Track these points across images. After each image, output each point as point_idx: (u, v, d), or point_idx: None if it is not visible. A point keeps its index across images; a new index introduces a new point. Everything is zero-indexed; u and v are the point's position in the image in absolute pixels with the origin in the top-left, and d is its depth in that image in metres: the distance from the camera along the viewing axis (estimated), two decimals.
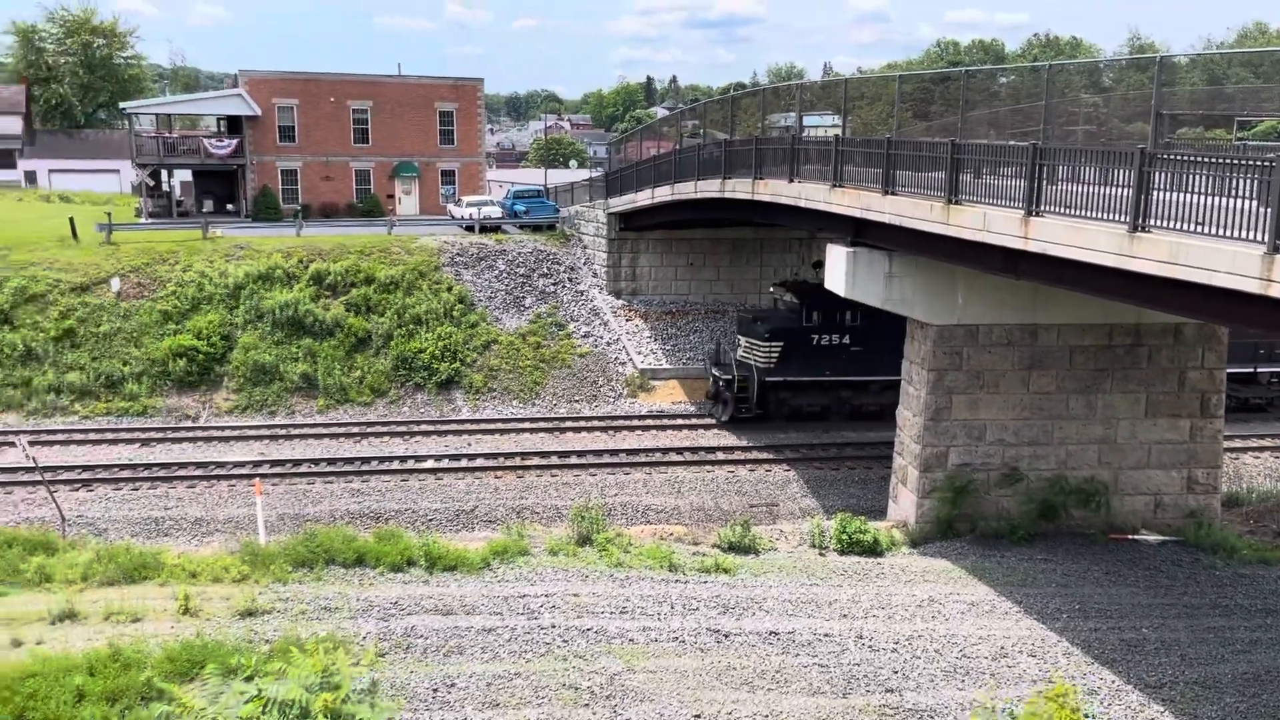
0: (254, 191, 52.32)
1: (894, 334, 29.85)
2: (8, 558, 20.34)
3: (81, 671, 15.26)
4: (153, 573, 20.13)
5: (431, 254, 40.78)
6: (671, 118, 49.39)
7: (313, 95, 53.05)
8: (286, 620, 18.04)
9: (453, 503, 26.09)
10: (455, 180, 56.94)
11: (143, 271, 38.02)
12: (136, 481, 26.97)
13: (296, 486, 26.96)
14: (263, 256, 39.20)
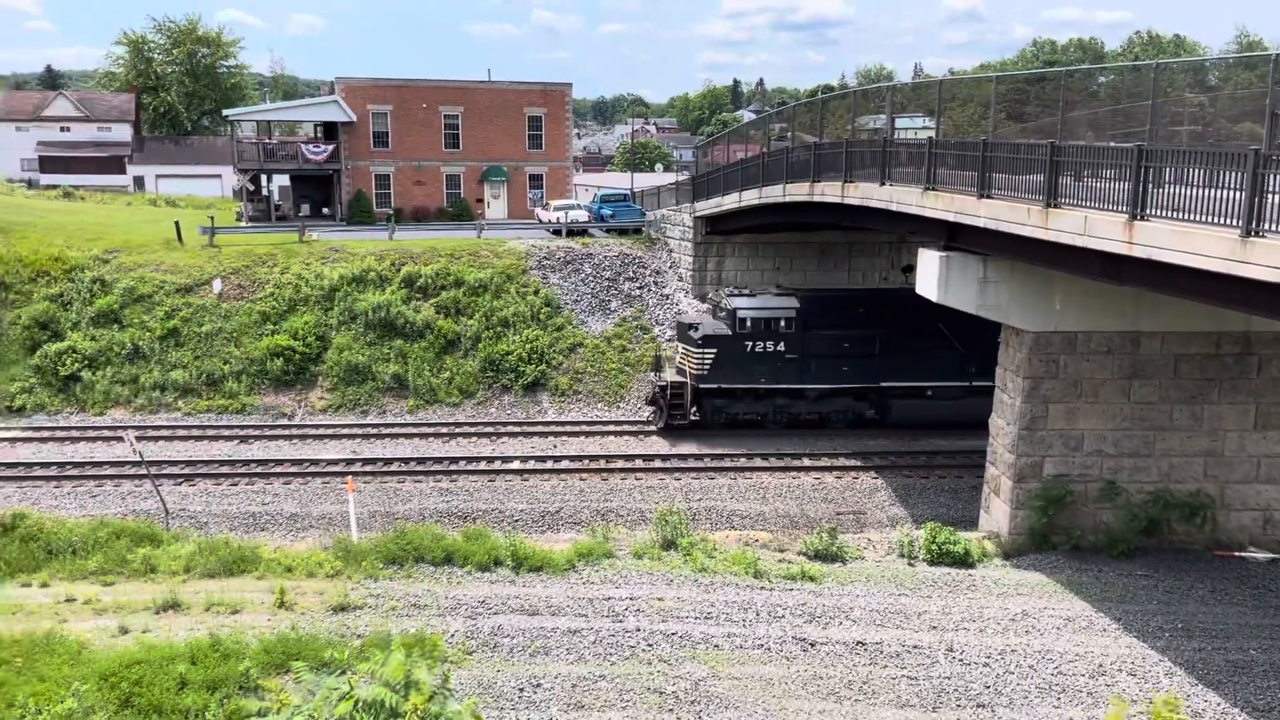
0: (349, 196, 53.65)
1: (831, 341, 30.82)
2: (116, 548, 21.20)
3: (184, 660, 15.81)
4: (250, 566, 20.76)
5: (519, 257, 41.25)
6: (758, 121, 49.08)
7: (405, 101, 54.19)
8: (377, 616, 18.42)
9: (538, 504, 26.33)
10: (543, 184, 57.55)
11: (243, 273, 39.29)
12: (235, 477, 27.86)
13: (387, 484, 27.52)
14: (356, 259, 40.16)
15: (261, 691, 14.93)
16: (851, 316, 31.18)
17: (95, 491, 26.86)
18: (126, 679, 15.10)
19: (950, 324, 29.23)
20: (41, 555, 20.94)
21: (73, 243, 40.59)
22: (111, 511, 25.00)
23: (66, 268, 38.48)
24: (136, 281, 38.04)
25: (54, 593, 19.56)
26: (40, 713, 13.91)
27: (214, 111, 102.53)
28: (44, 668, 15.49)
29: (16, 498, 25.97)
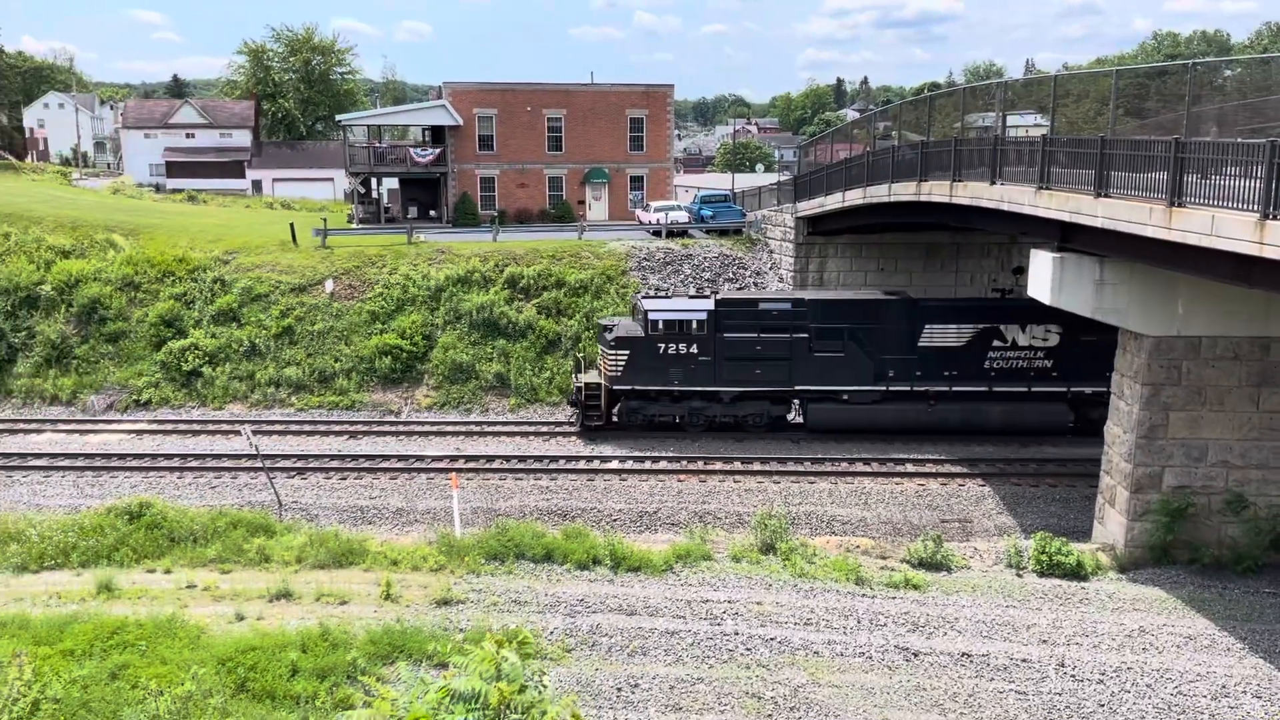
0: (454, 198, 54.77)
1: (744, 345, 30.68)
2: (233, 537, 22.07)
3: (295, 648, 16.34)
4: (358, 558, 21.36)
5: (619, 258, 41.48)
6: (863, 120, 48.30)
7: (510, 105, 55.05)
8: (479, 611, 18.72)
9: (636, 504, 26.40)
10: (644, 186, 57.74)
11: (353, 274, 40.47)
12: (344, 471, 28.69)
13: (489, 481, 27.97)
14: (461, 260, 40.96)
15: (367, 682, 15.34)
16: (765, 321, 30.91)
17: (214, 483, 27.99)
18: (242, 664, 15.69)
19: (865, 331, 30.25)
20: (165, 543, 21.95)
21: (196, 244, 42.44)
22: (229, 502, 26.01)
23: (190, 268, 40.26)
24: (254, 281, 39.55)
25: (176, 579, 20.46)
26: (162, 694, 14.55)
27: (328, 117, 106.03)
28: (166, 650, 16.21)
29: (143, 487, 27.26)
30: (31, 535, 21.94)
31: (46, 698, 14.15)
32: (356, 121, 59.56)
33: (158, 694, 14.58)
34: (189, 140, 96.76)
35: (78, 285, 38.84)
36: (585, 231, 45.82)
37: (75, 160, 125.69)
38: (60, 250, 41.33)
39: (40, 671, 15.01)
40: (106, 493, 26.86)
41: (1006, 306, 30.78)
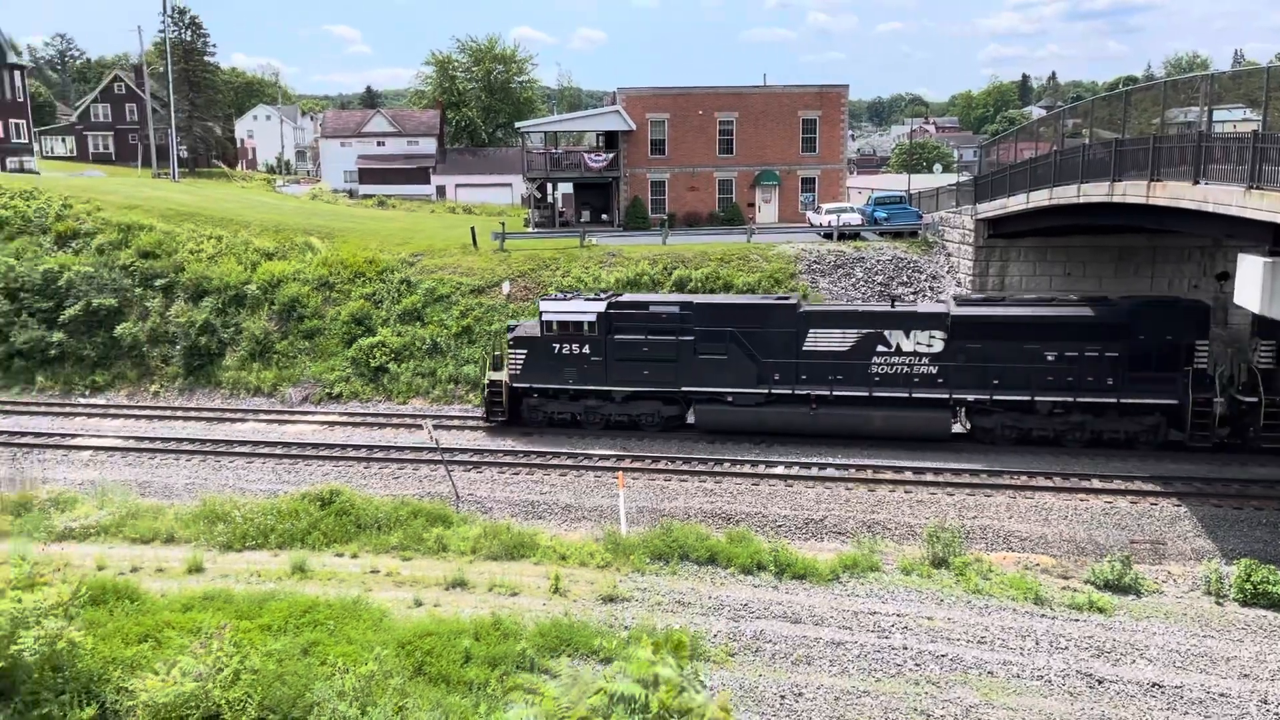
0: (626, 202, 55.62)
1: (632, 346, 31.48)
2: (413, 527, 23.16)
3: (469, 635, 16.99)
4: (528, 552, 22.01)
5: (788, 261, 41.07)
6: (1050, 117, 46.03)
7: (682, 109, 55.45)
8: (643, 610, 18.94)
9: (802, 511, 26.07)
10: (815, 188, 56.98)
11: (528, 276, 41.73)
12: (517, 467, 29.60)
13: (655, 482, 28.24)
14: (631, 263, 41.56)
15: (537, 672, 15.78)
16: (654, 323, 31.56)
17: (397, 473, 29.44)
18: (420, 648, 16.45)
19: (748, 335, 30.69)
20: (352, 528, 23.27)
21: (384, 247, 44.78)
22: (410, 492, 27.31)
23: (379, 270, 42.52)
24: (436, 283, 41.37)
25: (361, 563, 21.66)
26: (348, 671, 15.42)
27: (507, 124, 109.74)
28: (352, 631, 17.17)
29: (333, 475, 28.98)
30: (236, 517, 23.71)
31: (246, 668, 15.25)
32: (534, 128, 61.38)
33: (344, 671, 15.46)
34: (379, 148, 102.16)
35: (279, 285, 41.67)
36: (754, 234, 45.61)
37: (279, 168, 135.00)
38: (265, 252, 44.45)
39: (241, 643, 16.19)
40: (301, 479, 28.69)
41: (891, 313, 30.62)
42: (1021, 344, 29.07)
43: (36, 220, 46.43)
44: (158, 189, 61.58)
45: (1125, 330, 28.49)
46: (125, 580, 19.81)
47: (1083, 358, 28.69)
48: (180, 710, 14.32)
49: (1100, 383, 28.65)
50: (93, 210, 47.18)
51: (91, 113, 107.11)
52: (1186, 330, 28.14)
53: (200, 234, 45.71)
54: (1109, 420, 29.31)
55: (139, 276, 43.02)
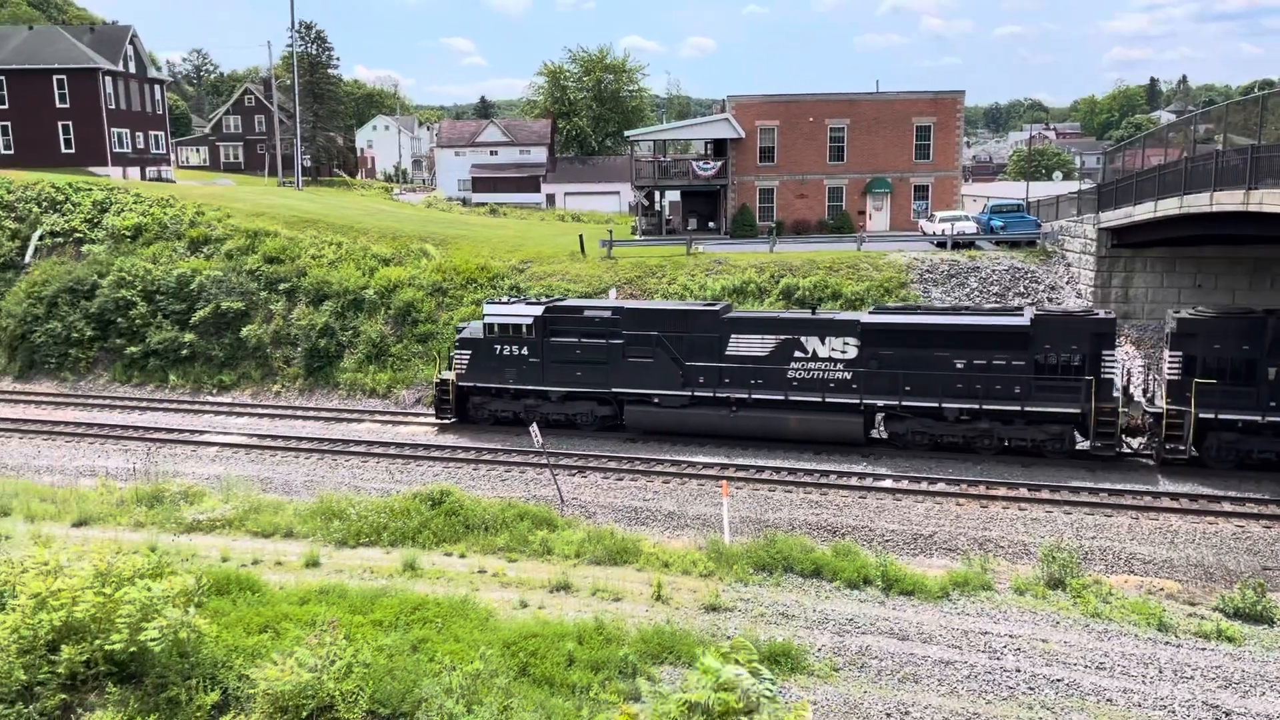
0: (733, 210, 55.49)
1: (566, 349, 33.14)
2: (519, 529, 23.50)
3: (572, 639, 17.13)
4: (631, 558, 22.09)
5: (899, 270, 40.32)
6: (1180, 122, 44.02)
7: (792, 116, 55.05)
8: (746, 620, 18.80)
9: (910, 526, 25.51)
10: (928, 195, 55.83)
11: (635, 283, 41.99)
12: (621, 472, 29.78)
13: (759, 492, 28.04)
14: (738, 271, 41.42)
15: (639, 678, 15.81)
16: (586, 327, 33.14)
17: (504, 476, 29.96)
18: (524, 649, 16.67)
19: (673, 340, 32.02)
20: (461, 529, 23.76)
21: (495, 254, 45.69)
22: (516, 495, 27.75)
23: (490, 276, 43.40)
24: (545, 289, 41.98)
25: (469, 563, 22.09)
26: (455, 669, 15.74)
27: (616, 133, 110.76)
28: (459, 629, 17.51)
29: (444, 476, 29.67)
30: (351, 514, 24.47)
31: (358, 661, 15.69)
32: (643, 137, 61.82)
33: (451, 669, 15.78)
34: (492, 157, 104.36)
35: (395, 290, 42.92)
36: (864, 242, 44.94)
37: (396, 177, 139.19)
38: (382, 258, 45.87)
39: (353, 637, 16.68)
40: (413, 479, 29.46)
41: (808, 320, 31.50)
42: (932, 352, 29.60)
43: (172, 226, 48.95)
44: (283, 197, 64.22)
45: (1031, 340, 28.79)
46: (247, 572, 20.64)
47: (990, 366, 29.14)
48: (296, 700, 14.81)
49: (1008, 391, 29.06)
50: (223, 217, 49.47)
51: (224, 124, 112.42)
52: (1091, 341, 28.49)
53: (322, 240, 47.45)
54: (1016, 428, 29.60)
55: (264, 280, 44.90)
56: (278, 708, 14.81)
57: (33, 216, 50.88)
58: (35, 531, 23.49)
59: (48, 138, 70.34)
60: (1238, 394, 27.10)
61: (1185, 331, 27.85)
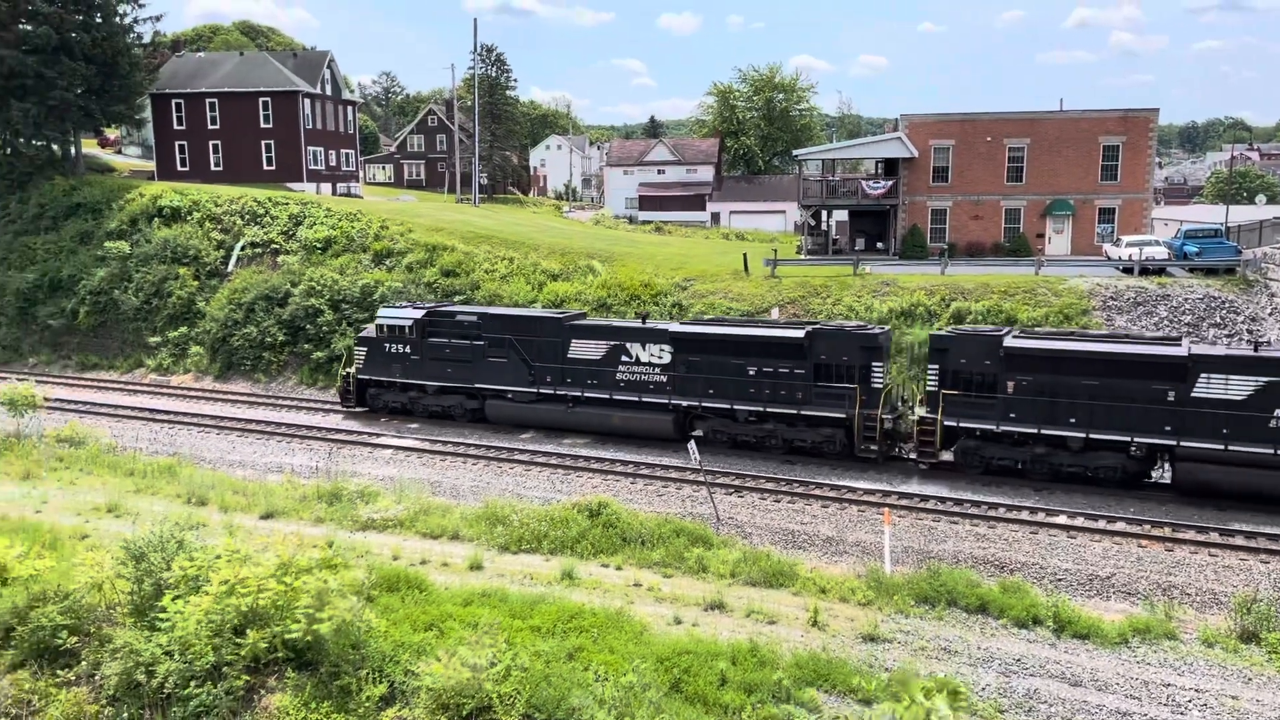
0: (903, 230, 54.17)
1: (438, 348, 37.32)
2: (675, 545, 23.59)
3: (725, 658, 17.05)
4: (787, 581, 21.80)
5: (1080, 296, 38.37)
6: None
7: (969, 135, 53.35)
8: (906, 653, 18.23)
9: (1086, 565, 24.13)
10: (1114, 218, 52.92)
11: (798, 303, 41.57)
12: (779, 494, 29.45)
13: (922, 522, 27.16)
14: (906, 293, 40.38)
15: (792, 704, 15.56)
16: (457, 330, 37.41)
17: (661, 491, 30.14)
18: (677, 666, 16.69)
19: (523, 343, 36.03)
20: (617, 541, 24.06)
21: (659, 271, 46.19)
22: (672, 511, 27.87)
23: (653, 293, 43.90)
24: (707, 307, 42.11)
25: (625, 576, 22.32)
26: (608, 680, 15.93)
27: (784, 152, 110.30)
28: (613, 641, 17.71)
29: (602, 488, 30.12)
30: (513, 521, 25.18)
31: (516, 665, 16.11)
32: (811, 156, 61.22)
33: (604, 679, 15.98)
34: (659, 176, 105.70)
35: (563, 304, 43.99)
36: (1043, 266, 43.00)
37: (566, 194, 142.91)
38: (551, 273, 47.13)
39: (512, 641, 17.14)
40: (572, 490, 30.05)
41: (633, 328, 35.03)
42: (730, 359, 32.99)
43: (358, 240, 51.84)
44: (460, 213, 66.99)
45: (808, 351, 31.89)
46: (415, 571, 21.53)
47: (776, 374, 32.36)
48: (457, 698, 15.34)
49: (791, 396, 32.24)
50: (405, 232, 52.02)
51: (408, 143, 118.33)
52: (860, 354, 31.41)
53: (495, 255, 49.20)
54: (798, 430, 32.58)
55: (440, 292, 46.89)
56: (440, 704, 15.37)
57: (236, 228, 54.94)
58: (228, 522, 25.25)
59: (252, 155, 75.85)
60: (980, 404, 29.81)
61: (938, 347, 30.74)
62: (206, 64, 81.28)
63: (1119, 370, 28.16)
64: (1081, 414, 28.50)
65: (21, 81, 59.25)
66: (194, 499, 27.90)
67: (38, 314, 53.35)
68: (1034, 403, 29.02)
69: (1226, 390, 27.02)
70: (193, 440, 36.97)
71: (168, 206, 56.74)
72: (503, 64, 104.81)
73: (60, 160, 65.53)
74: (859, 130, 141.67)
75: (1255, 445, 26.61)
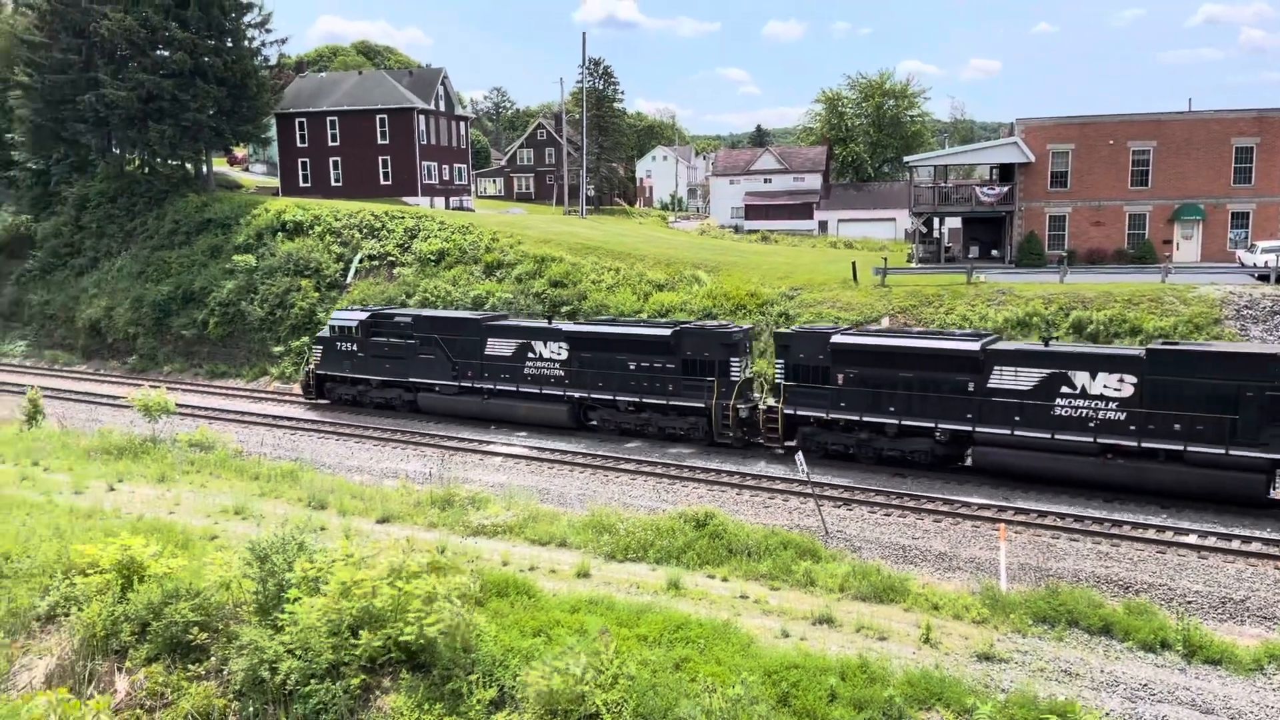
0: (1019, 237, 52.60)
1: (379, 347, 41.78)
2: (782, 557, 23.34)
3: (834, 674, 16.77)
4: (898, 596, 21.33)
5: (1211, 305, 36.55)
6: None
7: (1089, 139, 51.52)
8: (1024, 674, 17.64)
9: (1218, 588, 22.89)
10: (1248, 223, 50.33)
11: (909, 313, 40.72)
12: (889, 508, 28.85)
13: (1039, 538, 26.22)
14: (1022, 303, 39.17)
15: None
16: (395, 330, 41.86)
17: (767, 503, 29.88)
18: (785, 679, 16.50)
19: (447, 342, 40.29)
20: (724, 552, 23.93)
21: (765, 280, 45.90)
22: (779, 523, 27.57)
23: (759, 302, 43.64)
24: (814, 317, 41.63)
25: (731, 588, 22.19)
26: (715, 691, 15.85)
27: (894, 159, 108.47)
28: (720, 652, 17.63)
29: (708, 498, 30.03)
30: (619, 529, 25.31)
31: (623, 674, 16.17)
32: (923, 162, 60.06)
33: (711, 691, 15.90)
34: (765, 185, 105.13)
35: (668, 314, 44.13)
36: (1170, 274, 41.15)
37: (672, 205, 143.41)
38: (656, 284, 47.34)
39: (619, 650, 17.21)
40: (678, 499, 30.04)
41: (538, 327, 39.00)
42: (614, 355, 36.48)
43: (470, 252, 53.06)
44: (568, 224, 67.91)
45: (675, 348, 35.27)
46: (524, 577, 21.84)
47: (651, 368, 35.81)
48: (565, 704, 15.49)
49: (663, 388, 35.76)
50: (514, 243, 53.02)
51: (517, 157, 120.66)
52: (720, 350, 34.68)
53: (601, 265, 49.69)
54: (670, 418, 36.07)
55: (548, 303, 47.60)
56: (548, 710, 15.53)
57: (355, 241, 56.89)
58: (346, 525, 26.10)
59: (370, 171, 78.50)
60: (815, 395, 32.86)
61: (781, 343, 34.05)
62: (327, 84, 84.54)
63: (927, 364, 31.07)
64: (899, 403, 31.48)
65: (159, 104, 62.66)
66: (314, 503, 28.91)
67: (172, 324, 56.19)
68: (859, 393, 32.09)
69: (1016, 381, 29.78)
70: (313, 446, 38.35)
71: (291, 221, 59.18)
72: (610, 76, 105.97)
73: (193, 178, 69.04)
74: (971, 136, 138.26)
75: (1038, 431, 29.31)
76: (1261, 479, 26.83)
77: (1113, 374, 28.30)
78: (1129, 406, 28.04)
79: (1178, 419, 27.30)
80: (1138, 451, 28.16)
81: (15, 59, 65.66)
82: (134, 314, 57.10)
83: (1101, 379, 28.46)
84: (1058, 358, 29.25)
